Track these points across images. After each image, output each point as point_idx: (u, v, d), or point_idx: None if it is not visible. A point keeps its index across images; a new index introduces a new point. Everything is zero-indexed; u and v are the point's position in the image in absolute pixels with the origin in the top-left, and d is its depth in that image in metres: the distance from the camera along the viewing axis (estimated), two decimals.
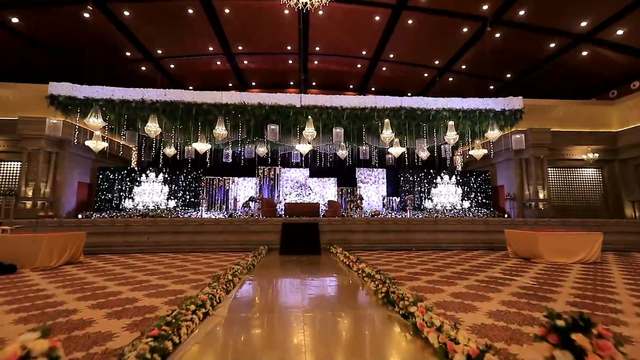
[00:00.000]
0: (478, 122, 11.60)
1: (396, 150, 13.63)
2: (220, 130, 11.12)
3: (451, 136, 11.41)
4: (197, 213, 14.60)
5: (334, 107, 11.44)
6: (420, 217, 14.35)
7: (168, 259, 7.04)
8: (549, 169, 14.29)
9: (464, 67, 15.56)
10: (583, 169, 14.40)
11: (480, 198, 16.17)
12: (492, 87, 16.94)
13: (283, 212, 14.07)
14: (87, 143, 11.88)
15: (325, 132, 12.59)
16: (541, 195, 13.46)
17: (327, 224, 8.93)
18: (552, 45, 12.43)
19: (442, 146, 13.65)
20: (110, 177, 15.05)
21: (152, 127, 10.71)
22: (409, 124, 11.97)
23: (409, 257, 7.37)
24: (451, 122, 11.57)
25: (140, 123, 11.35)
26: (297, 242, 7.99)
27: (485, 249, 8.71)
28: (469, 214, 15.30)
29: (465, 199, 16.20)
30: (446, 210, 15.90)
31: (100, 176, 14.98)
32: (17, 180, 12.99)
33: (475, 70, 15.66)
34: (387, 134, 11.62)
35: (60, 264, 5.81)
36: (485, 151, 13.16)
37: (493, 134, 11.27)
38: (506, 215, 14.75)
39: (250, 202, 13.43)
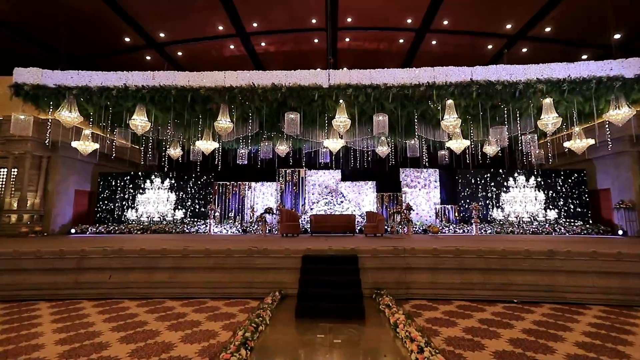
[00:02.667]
0: (594, 97, 7.79)
1: (457, 145, 10.12)
2: (224, 122, 8.44)
3: (550, 120, 7.73)
4: (206, 226, 12.15)
5: (374, 85, 8.29)
6: (508, 240, 10.53)
7: (113, 322, 4.36)
8: None
9: (548, 29, 11.59)
10: None
11: (572, 206, 12.04)
12: (585, 57, 12.70)
13: (308, 226, 11.16)
14: (74, 144, 9.82)
15: (362, 122, 9.48)
16: None
17: (372, 258, 5.82)
18: None
19: (521, 137, 9.90)
20: (112, 183, 13.14)
21: (139, 121, 8.30)
22: (482, 105, 8.45)
23: (530, 332, 4.02)
24: (548, 100, 7.88)
25: (127, 117, 9.02)
26: (326, 290, 4.97)
27: None
28: (560, 228, 11.29)
29: (551, 207, 12.16)
30: (523, 222, 12.02)
31: (102, 183, 13.12)
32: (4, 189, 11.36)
33: (565, 33, 11.62)
34: (449, 120, 8.22)
35: None
36: (592, 141, 9.22)
37: (619, 114, 7.43)
38: (620, 232, 10.58)
39: (267, 215, 10.66)
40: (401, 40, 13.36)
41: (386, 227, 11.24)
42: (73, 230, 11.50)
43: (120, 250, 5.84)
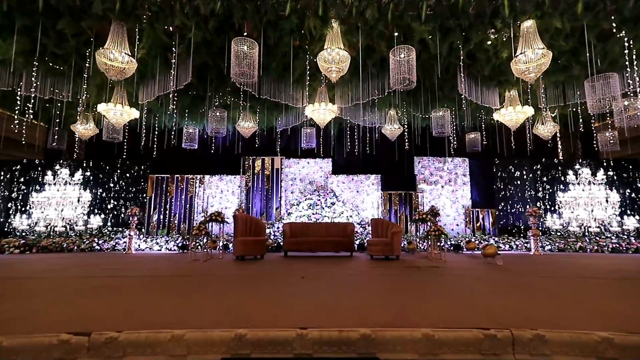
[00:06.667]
0: None
1: (513, 116, 6.39)
2: (116, 56, 4.48)
3: None
4: (131, 239, 8.03)
5: None
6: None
7: None
8: None
9: None
10: None
11: None
12: None
13: (281, 240, 7.22)
14: None
15: (367, 70, 5.68)
16: None
17: None
18: None
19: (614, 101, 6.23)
20: None
21: None
22: (586, 31, 4.72)
23: None
24: None
25: None
26: None
27: None
28: None
29: (629, 212, 8.62)
30: (589, 233, 8.43)
31: None
32: None
33: None
34: (527, 58, 4.50)
35: None
36: None
37: None
38: None
39: (212, 224, 6.67)
40: None
41: (404, 242, 7.44)
42: None
43: None
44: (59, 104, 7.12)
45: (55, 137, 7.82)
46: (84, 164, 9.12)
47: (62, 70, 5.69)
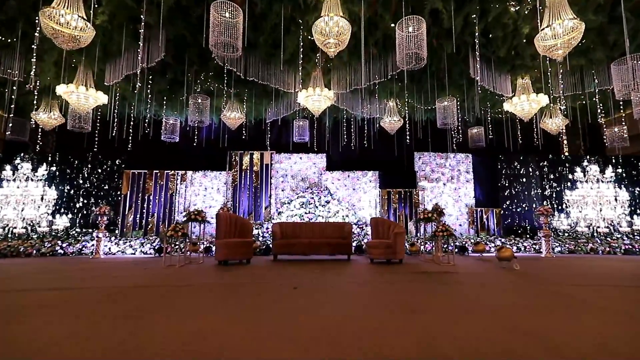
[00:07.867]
0: None
1: (527, 106, 5.82)
2: (68, 19, 3.68)
3: None
4: (100, 242, 7.11)
5: None
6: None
7: None
8: None
9: None
10: None
11: None
12: None
13: (270, 242, 6.45)
14: None
15: (368, 51, 5.00)
16: None
17: None
18: None
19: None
20: None
21: None
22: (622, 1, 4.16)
23: None
24: None
25: None
26: None
27: None
28: None
29: (639, 211, 8.18)
30: (598, 233, 7.96)
31: None
32: None
33: None
34: (553, 32, 3.91)
35: None
36: None
37: None
38: None
39: (193, 224, 5.85)
40: None
41: (407, 243, 6.77)
42: None
43: None
44: (14, 87, 6.19)
45: (10, 125, 6.82)
46: (49, 158, 8.15)
47: (8, 42, 4.81)
